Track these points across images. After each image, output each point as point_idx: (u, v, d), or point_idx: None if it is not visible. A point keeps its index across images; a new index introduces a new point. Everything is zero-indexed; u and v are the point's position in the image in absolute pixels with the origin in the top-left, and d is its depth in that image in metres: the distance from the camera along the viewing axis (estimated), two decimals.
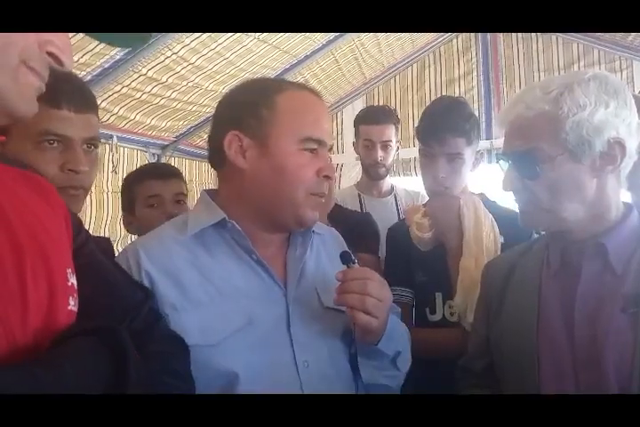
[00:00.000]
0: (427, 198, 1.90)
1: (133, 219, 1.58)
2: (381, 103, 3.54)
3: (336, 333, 0.97)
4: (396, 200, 2.20)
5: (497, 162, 1.00)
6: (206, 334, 0.86)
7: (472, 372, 1.06)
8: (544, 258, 0.99)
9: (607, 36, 3.08)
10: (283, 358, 0.90)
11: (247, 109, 0.95)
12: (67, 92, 0.95)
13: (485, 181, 2.01)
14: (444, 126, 1.37)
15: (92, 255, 0.73)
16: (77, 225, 0.71)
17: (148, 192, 1.54)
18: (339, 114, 3.79)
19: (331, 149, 1.02)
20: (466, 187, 1.46)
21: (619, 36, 3.00)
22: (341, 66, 3.20)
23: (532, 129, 0.90)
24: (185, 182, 1.67)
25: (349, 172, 3.66)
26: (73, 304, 0.60)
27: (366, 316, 0.87)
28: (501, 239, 1.38)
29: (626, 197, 1.49)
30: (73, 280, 0.62)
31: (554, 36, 3.28)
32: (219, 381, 0.84)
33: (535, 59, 3.34)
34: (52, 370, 0.49)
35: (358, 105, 3.63)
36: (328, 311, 0.97)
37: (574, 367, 0.87)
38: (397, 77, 3.69)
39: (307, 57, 2.86)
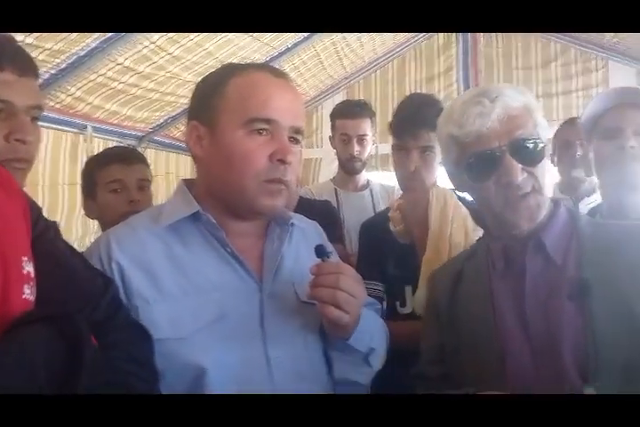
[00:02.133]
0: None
1: (94, 205, 1.53)
2: (362, 98, 3.54)
3: (312, 328, 0.96)
4: (371, 194, 2.21)
5: (495, 155, 0.91)
6: (176, 327, 0.85)
7: (429, 379, 1.05)
8: (488, 260, 1.01)
9: (584, 35, 3.12)
10: (254, 353, 0.89)
11: (203, 98, 0.94)
12: (8, 53, 0.87)
13: None
14: (417, 120, 1.40)
15: (51, 244, 0.71)
16: (36, 214, 0.70)
17: (111, 177, 1.49)
18: (319, 108, 3.78)
19: (300, 133, 0.95)
20: (436, 181, 1.48)
21: (595, 35, 3.05)
22: (322, 59, 3.19)
23: (524, 118, 0.92)
24: (149, 169, 1.63)
25: (329, 166, 3.66)
26: (29, 293, 0.59)
27: (336, 310, 0.85)
28: (480, 233, 1.39)
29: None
30: (29, 269, 0.61)
31: (533, 34, 3.31)
32: (186, 375, 0.84)
33: (514, 57, 3.38)
34: None
35: (339, 99, 3.58)
36: (305, 306, 0.95)
37: (534, 361, 0.89)
38: (378, 72, 3.69)
39: (287, 49, 2.85)
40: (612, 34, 2.89)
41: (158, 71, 2.35)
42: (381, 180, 2.40)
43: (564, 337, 0.87)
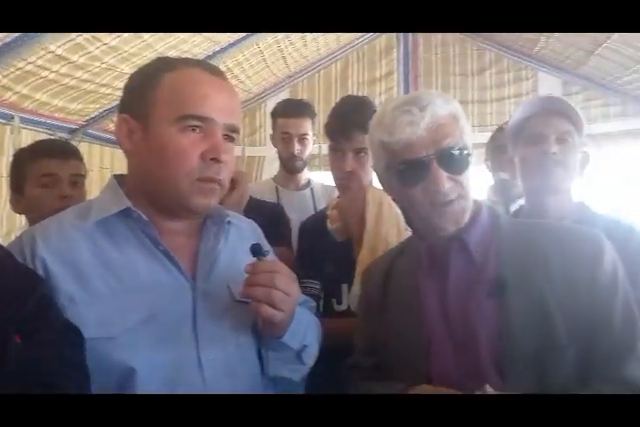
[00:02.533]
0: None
1: (22, 198, 1.47)
2: (305, 98, 3.56)
3: (246, 327, 0.96)
4: (312, 194, 2.23)
5: (423, 163, 0.93)
6: (104, 326, 0.83)
7: (363, 367, 1.09)
8: (416, 258, 1.05)
9: (516, 46, 3.29)
10: (186, 353, 0.88)
11: (135, 91, 0.92)
12: None
13: None
14: (350, 123, 1.44)
15: None
16: None
17: (43, 171, 1.44)
18: (262, 105, 3.77)
19: (235, 131, 0.95)
20: (371, 181, 1.53)
21: (526, 46, 3.22)
22: (266, 57, 3.17)
23: (451, 126, 0.95)
24: (84, 164, 1.58)
25: (272, 164, 3.65)
26: None
27: (271, 309, 0.87)
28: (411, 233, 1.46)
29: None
30: None
31: (469, 42, 3.45)
32: (114, 375, 0.82)
33: (452, 64, 3.50)
34: None
35: (282, 97, 3.59)
36: (239, 305, 0.95)
37: (455, 356, 0.94)
38: (322, 73, 3.72)
39: (230, 45, 2.81)
40: (542, 45, 3.06)
41: (93, 62, 2.26)
42: (323, 179, 2.42)
43: (482, 333, 0.92)
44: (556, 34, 2.81)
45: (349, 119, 1.46)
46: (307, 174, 2.30)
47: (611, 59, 2.80)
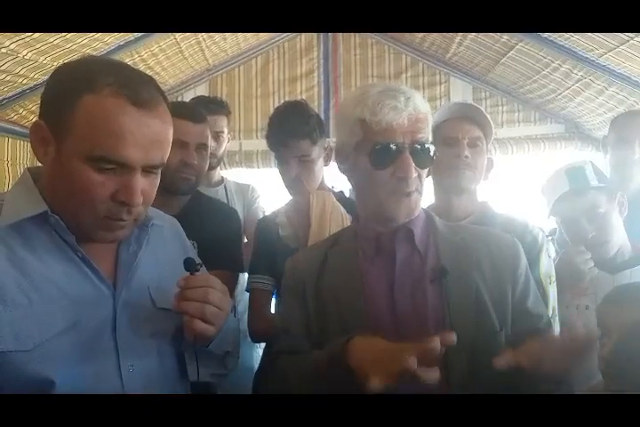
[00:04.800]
0: (258, 191, 2.15)
1: None
2: (225, 92, 3.51)
3: (167, 333, 0.95)
4: (226, 191, 2.22)
5: (398, 149, 0.98)
6: (20, 338, 0.78)
7: (299, 352, 1.10)
8: (355, 247, 1.10)
9: (430, 51, 3.43)
10: (106, 362, 0.86)
11: (54, 102, 0.84)
12: None
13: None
14: (286, 132, 1.52)
15: None
16: None
17: None
18: (180, 98, 3.66)
19: (157, 167, 0.89)
20: (322, 182, 1.63)
21: (439, 52, 3.37)
22: (183, 49, 3.08)
23: (425, 123, 1.00)
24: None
25: None
26: None
27: (203, 324, 0.87)
28: None
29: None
30: None
31: (386, 45, 3.55)
32: (31, 388, 0.78)
33: (370, 65, 3.58)
34: None
35: (201, 91, 3.54)
36: (160, 312, 0.94)
37: (398, 337, 0.96)
38: (242, 68, 3.67)
39: (145, 35, 2.69)
40: (454, 51, 3.21)
41: None
42: (237, 177, 2.43)
43: (428, 316, 1.00)
44: (466, 42, 2.96)
45: (286, 128, 1.52)
46: (219, 172, 2.29)
47: (514, 68, 3.00)
